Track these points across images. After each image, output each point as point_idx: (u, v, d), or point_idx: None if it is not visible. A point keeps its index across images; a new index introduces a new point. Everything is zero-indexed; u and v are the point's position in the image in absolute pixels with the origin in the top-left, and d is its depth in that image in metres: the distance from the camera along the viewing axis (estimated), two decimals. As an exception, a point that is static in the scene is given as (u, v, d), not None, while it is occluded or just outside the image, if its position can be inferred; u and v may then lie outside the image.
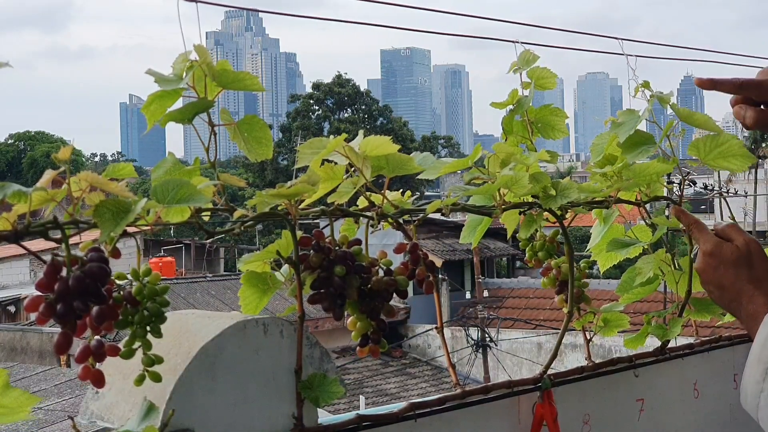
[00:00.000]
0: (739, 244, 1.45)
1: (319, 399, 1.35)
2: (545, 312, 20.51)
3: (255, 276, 1.45)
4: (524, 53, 1.81)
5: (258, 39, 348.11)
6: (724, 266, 1.44)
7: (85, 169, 1.14)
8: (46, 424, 9.63)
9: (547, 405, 1.68)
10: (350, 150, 1.41)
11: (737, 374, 2.12)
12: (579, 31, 44.64)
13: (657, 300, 10.91)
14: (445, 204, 1.53)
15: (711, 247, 1.47)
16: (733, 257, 1.44)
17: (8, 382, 1.03)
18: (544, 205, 1.65)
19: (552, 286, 1.80)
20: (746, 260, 1.43)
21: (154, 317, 1.18)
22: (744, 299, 1.42)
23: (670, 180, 2.08)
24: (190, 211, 1.23)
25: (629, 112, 1.67)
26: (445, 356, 1.71)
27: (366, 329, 1.43)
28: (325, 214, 1.42)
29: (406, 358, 20.20)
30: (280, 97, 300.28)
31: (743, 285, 1.42)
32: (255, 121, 1.37)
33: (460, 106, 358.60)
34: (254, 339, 1.31)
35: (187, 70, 1.26)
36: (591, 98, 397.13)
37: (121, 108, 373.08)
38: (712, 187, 11.21)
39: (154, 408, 1.18)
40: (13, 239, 1.08)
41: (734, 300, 1.43)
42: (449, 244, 22.53)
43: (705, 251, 1.47)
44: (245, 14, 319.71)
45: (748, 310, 1.41)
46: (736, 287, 1.43)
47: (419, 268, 1.48)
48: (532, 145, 1.82)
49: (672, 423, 1.96)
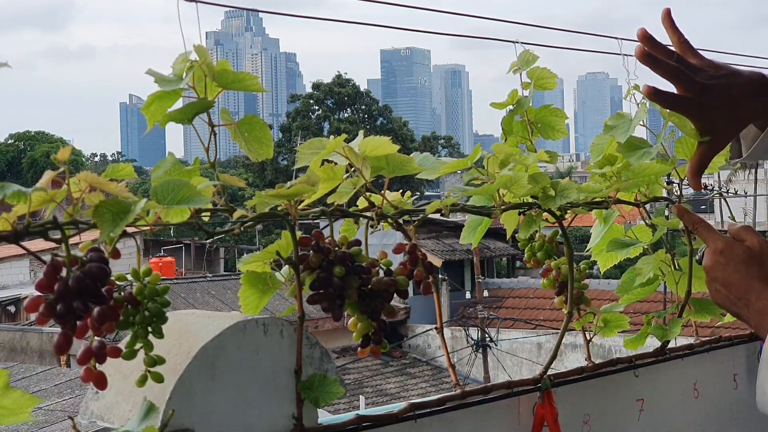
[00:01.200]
0: (751, 244, 1.43)
1: (319, 399, 1.35)
2: (545, 312, 20.51)
3: (255, 276, 1.45)
4: (524, 53, 1.81)
5: (258, 39, 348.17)
6: (734, 264, 1.42)
7: (84, 170, 1.14)
8: (46, 424, 9.63)
9: (548, 405, 1.68)
10: (350, 150, 1.41)
11: (737, 374, 2.12)
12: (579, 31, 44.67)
13: (657, 300, 10.93)
14: (444, 204, 1.53)
15: (722, 245, 1.45)
16: (744, 256, 1.42)
17: (9, 383, 1.03)
18: (543, 205, 1.65)
19: (552, 287, 1.80)
20: (758, 259, 1.41)
21: (155, 317, 1.18)
22: (753, 296, 1.40)
23: (670, 180, 2.08)
24: (190, 211, 1.23)
25: (620, 116, 1.66)
26: (445, 356, 1.71)
27: (367, 330, 1.43)
28: (324, 214, 1.42)
29: (406, 358, 20.21)
30: (280, 97, 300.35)
31: (753, 282, 1.40)
32: (255, 121, 1.37)
33: (460, 106, 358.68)
34: (254, 339, 1.31)
35: (187, 70, 1.27)
36: (591, 98, 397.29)
37: (121, 108, 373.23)
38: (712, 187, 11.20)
39: (154, 408, 1.18)
40: (13, 239, 1.08)
41: (741, 298, 1.41)
42: (449, 244, 22.53)
43: (715, 249, 1.45)
44: (245, 14, 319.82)
45: (757, 307, 1.39)
46: (745, 284, 1.41)
47: (418, 269, 1.48)
48: (531, 146, 1.82)
49: (672, 423, 1.96)
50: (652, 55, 1.38)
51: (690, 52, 1.43)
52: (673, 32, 1.44)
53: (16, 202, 1.07)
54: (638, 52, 1.39)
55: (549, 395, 1.69)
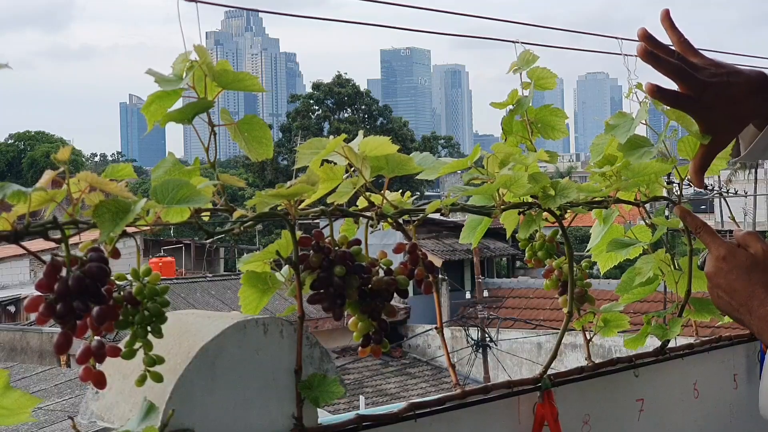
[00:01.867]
0: (754, 251, 1.43)
1: (319, 399, 1.35)
2: (545, 312, 20.51)
3: (255, 276, 1.45)
4: (524, 53, 1.81)
5: (258, 39, 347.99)
6: (737, 271, 1.41)
7: (84, 169, 1.14)
8: (46, 424, 9.63)
9: (548, 405, 1.68)
10: (350, 150, 1.41)
11: (737, 374, 2.12)
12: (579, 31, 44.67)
13: (657, 300, 10.93)
14: (444, 204, 1.53)
15: (724, 251, 1.44)
16: (748, 262, 1.41)
17: (9, 383, 1.03)
18: (543, 205, 1.65)
19: (555, 287, 1.80)
20: (761, 266, 1.41)
21: (154, 317, 1.18)
22: (755, 303, 1.39)
23: (670, 180, 2.08)
24: (190, 211, 1.23)
25: (622, 115, 1.66)
26: (445, 356, 1.71)
27: (367, 329, 1.43)
28: (324, 214, 1.42)
29: (406, 358, 20.21)
30: (280, 97, 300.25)
31: (755, 289, 1.39)
32: (255, 121, 1.37)
33: (460, 106, 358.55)
34: (254, 339, 1.31)
35: (187, 70, 1.27)
36: (591, 98, 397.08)
37: (121, 108, 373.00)
38: (712, 187, 11.20)
39: (154, 408, 1.18)
40: (13, 239, 1.08)
41: (744, 304, 1.40)
42: (449, 244, 22.53)
43: (718, 255, 1.44)
44: (245, 14, 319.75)
45: (760, 313, 1.38)
46: (748, 291, 1.40)
47: (418, 269, 1.48)
48: (531, 146, 1.82)
49: (672, 423, 1.96)
50: (654, 53, 1.38)
51: (691, 51, 1.43)
52: (672, 32, 1.44)
53: (16, 202, 1.07)
54: (640, 51, 1.39)
55: (549, 395, 1.69)
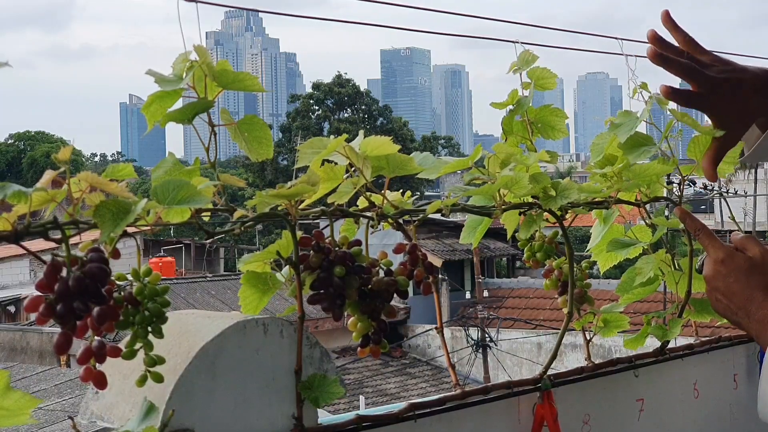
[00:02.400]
0: (753, 254, 1.43)
1: (319, 399, 1.35)
2: (545, 312, 20.50)
3: (255, 276, 1.45)
4: (524, 53, 1.81)
5: (258, 39, 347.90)
6: (735, 274, 1.41)
7: (85, 169, 1.14)
8: (46, 424, 9.63)
9: (548, 405, 1.68)
10: (350, 150, 1.41)
11: (737, 374, 2.12)
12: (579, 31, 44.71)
13: (657, 300, 10.93)
14: (445, 204, 1.53)
15: (723, 254, 1.44)
16: (746, 266, 1.41)
17: (9, 384, 1.03)
18: (544, 205, 1.65)
19: (555, 288, 1.80)
20: (760, 269, 1.41)
21: (155, 317, 1.18)
22: (753, 306, 1.39)
23: (670, 180, 2.08)
24: (190, 211, 1.23)
25: (626, 114, 1.66)
26: (445, 356, 1.71)
27: (367, 330, 1.43)
28: (325, 214, 1.42)
29: (406, 358, 20.20)
30: (280, 97, 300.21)
31: (754, 292, 1.39)
32: (255, 121, 1.37)
33: (460, 106, 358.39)
34: (254, 339, 1.31)
35: (187, 70, 1.27)
36: (591, 98, 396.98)
37: (121, 108, 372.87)
38: (712, 187, 11.20)
39: (154, 408, 1.18)
40: (13, 239, 1.08)
41: (742, 308, 1.40)
42: (449, 244, 22.52)
43: (716, 258, 1.44)
44: (245, 14, 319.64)
45: (758, 317, 1.38)
46: (746, 294, 1.40)
47: (418, 269, 1.48)
48: (532, 146, 1.82)
49: (672, 423, 1.96)
50: (664, 55, 1.38)
51: (698, 50, 1.43)
52: (676, 32, 1.44)
53: (16, 202, 1.07)
54: (650, 53, 1.39)
55: (549, 395, 1.69)
